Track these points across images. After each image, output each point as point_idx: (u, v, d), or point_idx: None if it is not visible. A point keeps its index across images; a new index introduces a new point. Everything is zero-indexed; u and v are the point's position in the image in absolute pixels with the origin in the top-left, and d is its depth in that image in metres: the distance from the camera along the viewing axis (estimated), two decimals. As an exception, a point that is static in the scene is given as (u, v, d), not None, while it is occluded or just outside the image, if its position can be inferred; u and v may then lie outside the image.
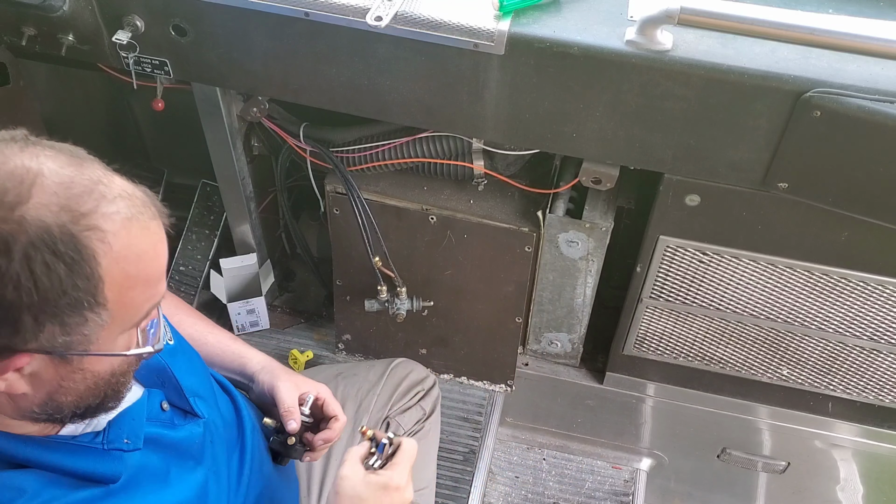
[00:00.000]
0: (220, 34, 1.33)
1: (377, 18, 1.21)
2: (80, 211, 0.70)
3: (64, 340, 0.72)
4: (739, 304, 1.55)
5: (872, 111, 1.14)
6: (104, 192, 0.73)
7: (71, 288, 0.70)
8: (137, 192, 0.77)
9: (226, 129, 1.64)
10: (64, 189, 0.70)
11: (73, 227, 0.70)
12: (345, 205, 1.63)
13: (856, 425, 1.77)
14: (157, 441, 0.94)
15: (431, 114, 1.36)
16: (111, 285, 0.73)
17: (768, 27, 1.09)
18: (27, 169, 0.70)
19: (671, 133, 1.26)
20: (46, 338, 0.71)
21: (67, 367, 0.76)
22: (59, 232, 0.69)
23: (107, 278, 0.72)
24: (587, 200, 1.57)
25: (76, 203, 0.70)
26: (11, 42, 1.43)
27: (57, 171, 0.71)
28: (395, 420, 1.47)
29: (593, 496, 1.98)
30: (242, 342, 1.30)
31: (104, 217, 0.72)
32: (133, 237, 0.74)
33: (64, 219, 0.69)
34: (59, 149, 0.74)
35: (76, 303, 0.71)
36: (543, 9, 1.25)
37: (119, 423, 0.88)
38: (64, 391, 0.78)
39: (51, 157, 0.72)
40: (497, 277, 1.70)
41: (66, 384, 0.77)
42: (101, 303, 0.72)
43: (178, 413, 1.01)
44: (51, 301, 0.69)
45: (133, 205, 0.75)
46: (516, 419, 2.02)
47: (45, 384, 0.76)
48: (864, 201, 1.28)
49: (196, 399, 1.03)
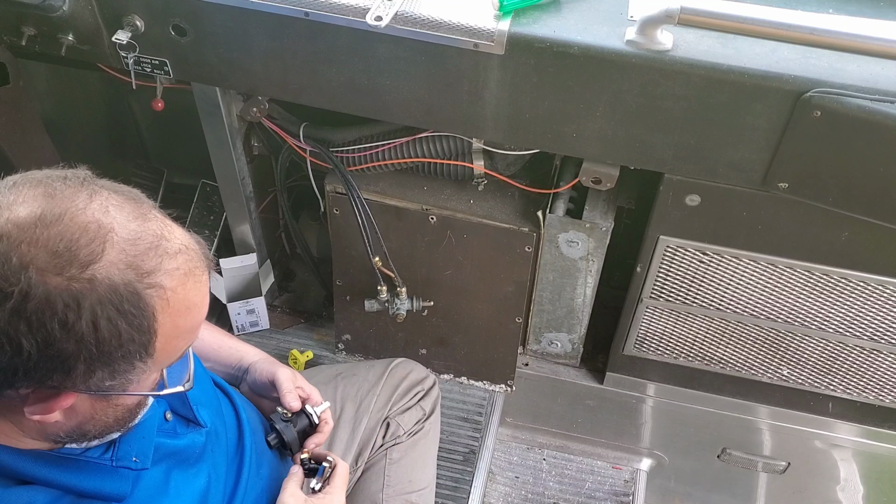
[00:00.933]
0: (220, 34, 1.33)
1: (377, 18, 1.21)
2: (144, 269, 0.72)
3: (110, 384, 0.75)
4: (740, 304, 1.55)
5: (872, 111, 1.14)
6: (167, 247, 0.75)
7: (128, 342, 0.72)
8: (193, 244, 0.79)
9: (226, 129, 1.64)
10: (131, 246, 0.72)
11: (138, 286, 0.72)
12: (345, 205, 1.63)
13: (856, 425, 1.77)
14: (158, 450, 0.94)
15: (431, 114, 1.36)
16: (162, 337, 0.75)
17: (768, 27, 1.09)
18: (99, 224, 0.71)
19: (671, 133, 1.26)
20: (95, 382, 0.74)
21: (103, 403, 0.79)
22: (125, 290, 0.71)
23: (160, 331, 0.74)
24: (587, 200, 1.57)
25: (142, 260, 0.72)
26: (11, 42, 1.43)
27: (125, 226, 0.73)
28: (394, 420, 1.47)
29: (593, 496, 1.98)
30: (238, 339, 1.33)
31: (166, 274, 0.74)
32: (188, 291, 0.76)
33: (130, 277, 0.71)
34: (122, 194, 0.76)
35: (129, 354, 0.73)
36: (543, 9, 1.24)
37: (130, 440, 0.89)
38: (94, 422, 0.81)
39: (117, 208, 0.74)
40: (497, 277, 1.70)
41: (98, 416, 0.80)
42: (150, 353, 0.75)
43: (181, 422, 1.01)
44: (107, 353, 0.72)
45: (190, 259, 0.77)
46: (516, 419, 2.02)
47: (78, 416, 0.79)
48: (865, 201, 1.28)
49: (199, 407, 1.03)
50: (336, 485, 1.13)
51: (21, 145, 1.74)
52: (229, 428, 1.11)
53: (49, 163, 0.79)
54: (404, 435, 1.46)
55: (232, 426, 1.12)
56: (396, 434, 1.46)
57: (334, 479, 1.13)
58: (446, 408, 1.90)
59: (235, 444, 1.12)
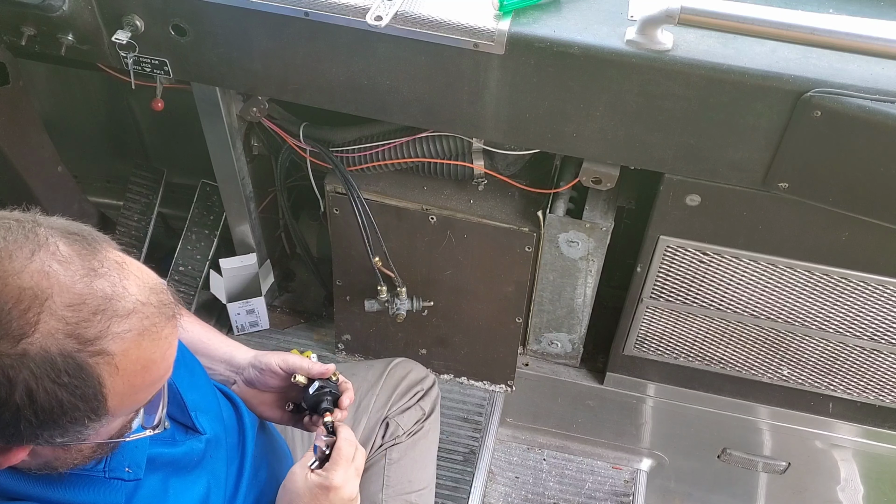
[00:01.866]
0: (220, 34, 1.33)
1: (377, 18, 1.21)
2: (87, 337, 0.67)
3: (62, 441, 0.72)
4: (740, 304, 1.55)
5: (873, 111, 1.14)
6: (116, 308, 0.69)
7: (71, 409, 0.69)
8: (151, 299, 0.73)
9: (225, 129, 1.64)
10: (73, 312, 0.67)
11: (79, 356, 0.67)
12: (345, 205, 1.63)
13: (856, 425, 1.77)
14: (155, 460, 0.93)
15: (431, 113, 1.36)
16: (114, 398, 0.71)
17: (768, 27, 1.09)
18: (36, 292, 0.66)
19: (671, 133, 1.26)
20: (45, 439, 0.71)
21: (64, 451, 0.76)
22: (63, 362, 0.67)
23: (111, 394, 0.71)
24: (587, 200, 1.57)
25: (84, 328, 0.67)
26: (11, 42, 1.43)
27: (68, 289, 0.67)
28: (394, 420, 1.46)
29: (593, 496, 1.97)
30: (230, 339, 1.28)
31: (114, 339, 0.69)
32: (143, 350, 0.72)
33: (70, 347, 0.67)
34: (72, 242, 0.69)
35: (76, 419, 0.70)
36: (543, 8, 1.24)
37: (122, 450, 0.87)
38: (61, 462, 0.78)
39: (63, 264, 0.68)
40: (497, 277, 1.70)
41: (63, 458, 0.78)
42: (101, 414, 0.72)
43: (180, 429, 1.00)
44: (49, 420, 0.69)
45: (146, 316, 0.71)
46: (516, 419, 2.02)
47: (42, 457, 0.77)
48: (865, 201, 1.28)
49: (198, 414, 1.02)
50: (334, 461, 1.05)
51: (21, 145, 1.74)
52: (230, 432, 1.10)
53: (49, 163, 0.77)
54: (403, 435, 1.46)
55: (233, 430, 1.12)
56: (396, 434, 1.45)
57: (334, 454, 1.06)
58: (446, 408, 1.90)
59: (236, 448, 1.11)
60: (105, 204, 2.17)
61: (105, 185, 2.22)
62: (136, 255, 2.02)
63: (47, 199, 1.82)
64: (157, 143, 2.14)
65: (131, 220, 2.07)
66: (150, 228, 2.06)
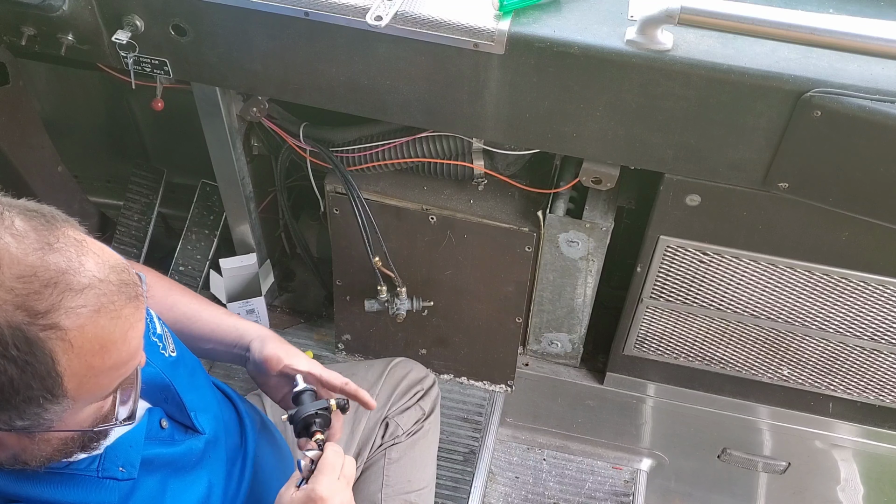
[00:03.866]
0: (220, 34, 1.33)
1: (377, 18, 1.21)
2: (37, 310, 0.66)
3: (22, 424, 0.70)
4: (740, 304, 1.55)
5: (873, 111, 1.14)
6: (70, 282, 0.68)
7: (24, 388, 0.67)
8: (111, 276, 0.71)
9: (225, 129, 1.64)
10: (23, 284, 0.66)
11: (29, 329, 0.65)
12: (345, 205, 1.63)
13: (856, 425, 1.77)
14: (154, 461, 0.92)
15: (431, 113, 1.36)
16: (71, 378, 0.69)
17: (769, 27, 1.09)
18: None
19: (671, 133, 1.26)
20: (3, 420, 0.69)
21: (29, 439, 0.74)
22: (11, 335, 0.65)
23: (66, 373, 0.69)
24: (587, 200, 1.57)
25: (35, 300, 0.66)
26: (11, 42, 1.43)
27: (19, 261, 0.66)
28: (393, 420, 1.47)
29: (594, 496, 1.97)
30: (238, 317, 1.24)
31: (67, 313, 0.67)
32: (100, 329, 0.69)
33: (18, 319, 0.65)
34: (30, 219, 0.69)
35: (30, 399, 0.68)
36: (543, 8, 1.24)
37: (115, 449, 0.86)
38: (29, 454, 0.76)
39: (17, 237, 0.67)
40: (497, 277, 1.70)
41: (30, 450, 0.75)
42: (58, 395, 0.69)
43: (179, 428, 0.99)
44: (3, 399, 0.67)
45: (103, 293, 0.70)
46: (516, 419, 2.02)
47: (8, 448, 0.75)
48: (865, 201, 1.28)
49: (197, 413, 1.01)
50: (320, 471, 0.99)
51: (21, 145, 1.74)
52: (230, 432, 1.10)
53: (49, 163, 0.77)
54: (403, 435, 1.46)
55: (234, 430, 1.12)
56: (395, 434, 1.45)
57: (320, 465, 1.00)
58: (446, 408, 1.90)
59: (237, 448, 1.11)
60: (105, 204, 2.17)
61: (105, 185, 2.22)
62: (136, 255, 2.03)
63: (48, 198, 1.79)
64: (157, 143, 2.14)
65: (131, 220, 2.07)
66: (150, 228, 2.07)
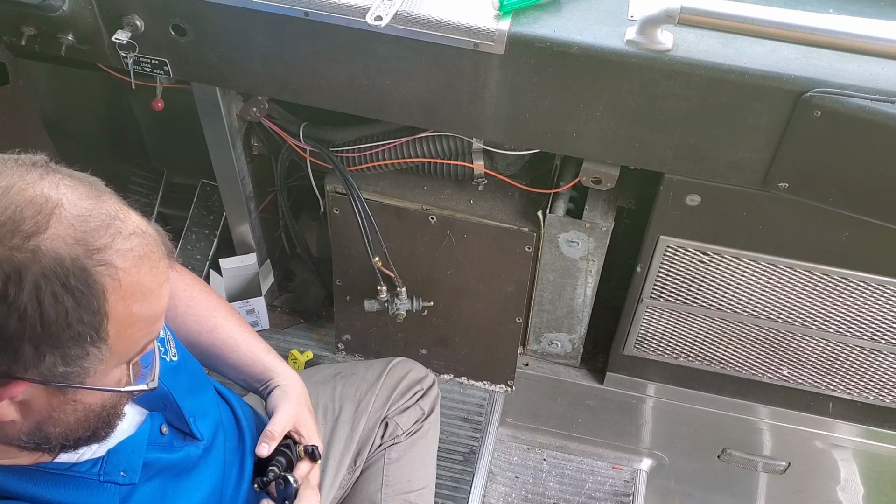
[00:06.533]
0: (220, 34, 1.33)
1: (377, 18, 1.21)
2: (94, 245, 0.70)
3: (63, 371, 0.72)
4: (740, 304, 1.55)
5: (873, 111, 1.14)
6: (120, 227, 0.73)
7: (76, 322, 0.69)
8: (150, 230, 0.77)
9: (225, 129, 1.64)
10: (81, 222, 0.70)
11: (87, 262, 0.69)
12: (345, 205, 1.63)
13: (856, 425, 1.77)
14: (152, 465, 0.92)
15: (431, 114, 1.36)
16: (115, 321, 0.72)
17: (769, 27, 1.09)
18: (47, 198, 0.69)
19: (671, 133, 1.26)
20: (46, 367, 0.70)
21: (60, 398, 0.75)
22: (72, 265, 0.68)
23: (112, 314, 0.72)
24: (587, 200, 1.57)
25: (92, 237, 0.70)
26: (11, 42, 1.43)
27: (76, 203, 0.71)
28: (393, 420, 1.46)
29: (594, 496, 1.97)
30: (276, 355, 1.24)
31: (118, 253, 0.71)
32: (143, 275, 0.74)
33: (78, 252, 0.69)
34: (78, 178, 0.74)
35: (79, 336, 0.70)
36: (543, 8, 1.24)
37: (118, 453, 0.87)
38: (53, 422, 0.77)
39: (70, 187, 0.72)
40: (497, 277, 1.70)
41: (57, 415, 0.76)
42: (102, 338, 0.72)
43: (178, 435, 1.00)
44: (54, 333, 0.69)
45: (146, 243, 0.75)
46: (516, 419, 2.02)
47: (35, 413, 0.75)
48: (865, 201, 1.28)
49: (196, 419, 1.02)
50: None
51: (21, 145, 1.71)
52: (229, 435, 1.10)
53: None
54: (403, 435, 1.46)
55: (232, 434, 1.12)
56: (395, 434, 1.45)
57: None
58: (446, 408, 1.90)
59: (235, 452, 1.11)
60: (105, 204, 2.16)
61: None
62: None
63: (47, 199, 1.81)
64: (157, 143, 2.14)
65: (131, 220, 2.07)
66: (150, 228, 2.06)
